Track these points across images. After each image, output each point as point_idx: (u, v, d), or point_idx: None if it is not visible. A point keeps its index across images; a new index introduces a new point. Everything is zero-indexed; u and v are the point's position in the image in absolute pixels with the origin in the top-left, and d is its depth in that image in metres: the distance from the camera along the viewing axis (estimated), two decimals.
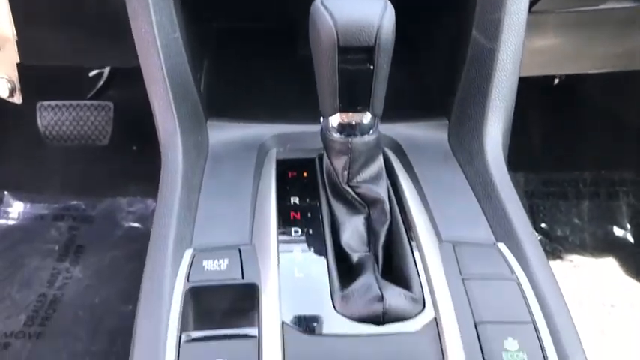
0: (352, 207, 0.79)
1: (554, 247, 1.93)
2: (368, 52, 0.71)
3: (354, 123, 0.77)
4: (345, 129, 0.77)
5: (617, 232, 1.98)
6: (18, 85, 0.96)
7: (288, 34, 1.16)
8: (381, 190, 0.78)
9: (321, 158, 0.86)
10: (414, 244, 0.73)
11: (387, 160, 0.86)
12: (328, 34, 0.70)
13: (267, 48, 1.19)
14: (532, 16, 0.91)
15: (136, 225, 1.97)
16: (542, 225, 1.98)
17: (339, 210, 0.78)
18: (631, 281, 1.83)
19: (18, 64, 0.97)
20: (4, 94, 0.98)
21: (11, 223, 1.96)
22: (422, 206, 0.78)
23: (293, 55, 1.15)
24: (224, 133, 0.90)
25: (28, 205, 2.00)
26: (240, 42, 1.20)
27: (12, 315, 1.67)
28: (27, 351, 1.58)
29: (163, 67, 0.83)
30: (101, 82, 1.95)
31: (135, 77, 0.95)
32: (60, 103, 1.85)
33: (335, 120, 0.77)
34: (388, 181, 0.81)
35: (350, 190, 0.78)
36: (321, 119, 0.81)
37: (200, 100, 0.91)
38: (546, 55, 1.35)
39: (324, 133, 0.80)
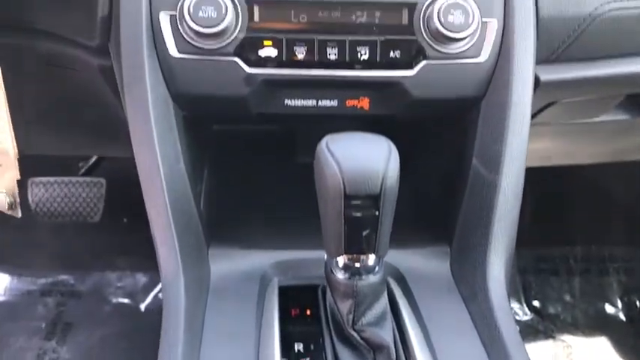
0: (357, 351, 0.78)
1: (547, 326, 1.93)
2: (374, 199, 0.71)
3: (358, 265, 0.77)
4: (349, 269, 0.77)
5: (609, 309, 1.99)
6: (18, 200, 0.96)
7: (288, 142, 1.17)
8: (386, 333, 0.78)
9: (324, 290, 0.85)
10: None
11: (390, 294, 0.86)
12: (334, 182, 0.70)
13: (266, 156, 1.20)
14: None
15: (126, 301, 1.94)
16: (535, 302, 1.98)
17: (344, 355, 0.78)
18: None
19: (18, 180, 0.97)
20: (4, 208, 0.97)
21: None
22: (427, 351, 0.77)
23: (293, 165, 1.16)
24: (225, 263, 0.90)
25: (15, 280, 1.96)
26: (240, 145, 1.20)
27: None
28: None
29: (167, 200, 0.83)
30: (94, 158, 1.95)
31: None
32: (52, 179, 1.84)
33: (340, 260, 0.77)
34: (393, 321, 0.81)
35: (355, 335, 0.77)
36: (325, 256, 0.81)
37: (202, 226, 0.91)
38: (540, 153, 1.38)
39: (328, 271, 0.80)
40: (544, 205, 2.11)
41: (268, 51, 0.86)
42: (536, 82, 0.94)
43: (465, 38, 0.86)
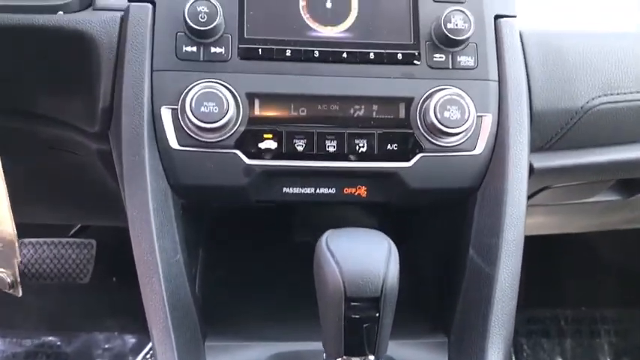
0: None
1: None
2: (374, 301, 0.72)
3: None
4: None
5: None
6: (19, 279, 0.95)
7: (284, 219, 1.17)
8: None
9: None
10: None
11: None
12: (335, 284, 0.70)
13: (262, 234, 1.20)
14: None
15: None
16: None
17: None
18: None
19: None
20: (5, 287, 0.96)
21: None
22: None
23: (290, 243, 1.16)
24: (222, 357, 0.89)
25: None
26: (235, 223, 1.20)
27: None
28: None
29: (164, 295, 0.82)
30: None
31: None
32: (41, 240, 1.82)
33: None
34: None
35: None
36: (324, 355, 0.80)
37: (198, 316, 0.90)
38: (531, 226, 1.39)
39: None
40: (534, 266, 2.12)
41: (268, 143, 0.87)
42: (530, 169, 0.96)
43: (460, 133, 0.88)
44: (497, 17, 0.93)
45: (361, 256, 0.73)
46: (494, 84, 0.90)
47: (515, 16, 0.93)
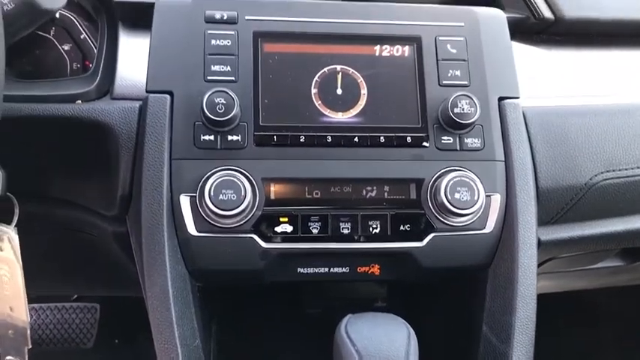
0: None
1: None
2: None
3: None
4: None
5: None
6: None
7: (295, 293, 1.18)
8: None
9: None
10: None
11: None
12: None
13: (273, 307, 1.21)
14: None
15: None
16: None
17: None
18: None
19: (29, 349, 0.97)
20: None
21: None
22: None
23: (301, 314, 1.16)
24: None
25: None
26: (246, 297, 1.21)
27: None
28: None
29: None
30: None
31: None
32: (44, 305, 1.81)
33: None
34: None
35: None
36: None
37: None
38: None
39: None
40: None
41: (284, 227, 0.89)
42: (537, 242, 0.98)
43: (471, 213, 0.90)
44: (500, 99, 0.96)
45: (382, 345, 0.74)
46: (500, 164, 0.93)
47: (518, 97, 0.97)
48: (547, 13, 1.07)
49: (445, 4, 1.07)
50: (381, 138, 0.92)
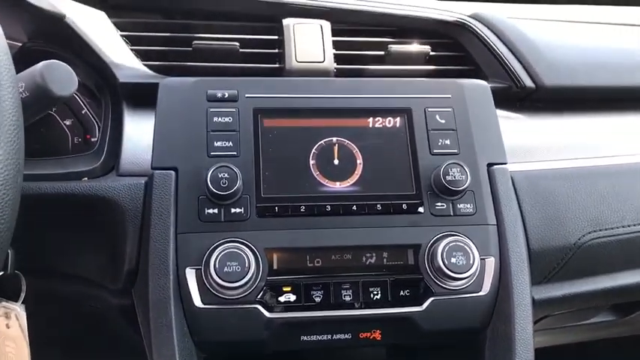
0: None
1: None
2: None
3: None
4: None
5: None
6: None
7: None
8: None
9: None
10: None
11: None
12: None
13: None
14: None
15: None
16: None
17: None
18: None
19: None
20: None
21: None
22: None
23: None
24: None
25: None
26: None
27: None
28: None
29: None
30: None
31: None
32: None
33: None
34: None
35: None
36: None
37: None
38: None
39: None
40: None
41: (287, 296, 0.91)
42: (532, 301, 1.01)
43: (468, 277, 0.93)
44: (489, 165, 1.01)
45: None
46: (493, 228, 0.97)
47: (505, 163, 1.02)
48: (528, 82, 1.13)
49: (431, 77, 1.14)
50: (378, 206, 0.96)
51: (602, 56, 1.20)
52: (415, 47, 1.17)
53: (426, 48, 1.17)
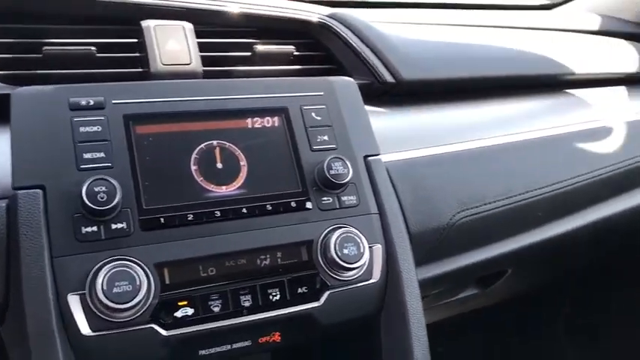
0: None
1: None
2: None
3: None
4: None
5: None
6: None
7: None
8: None
9: None
10: None
11: None
12: None
13: None
14: None
15: None
16: None
17: None
18: None
19: None
20: None
21: None
22: None
23: None
24: None
25: None
26: None
27: None
28: None
29: None
30: None
31: None
32: None
33: None
34: None
35: None
36: None
37: None
38: None
39: None
40: None
41: (184, 311, 0.86)
42: None
43: (359, 266, 0.96)
44: (366, 157, 1.05)
45: None
46: (376, 216, 1.01)
47: (378, 154, 1.06)
48: (388, 77, 1.19)
49: (299, 76, 1.16)
50: (268, 206, 0.94)
51: (458, 51, 1.31)
52: (279, 48, 1.18)
53: (290, 48, 1.19)
